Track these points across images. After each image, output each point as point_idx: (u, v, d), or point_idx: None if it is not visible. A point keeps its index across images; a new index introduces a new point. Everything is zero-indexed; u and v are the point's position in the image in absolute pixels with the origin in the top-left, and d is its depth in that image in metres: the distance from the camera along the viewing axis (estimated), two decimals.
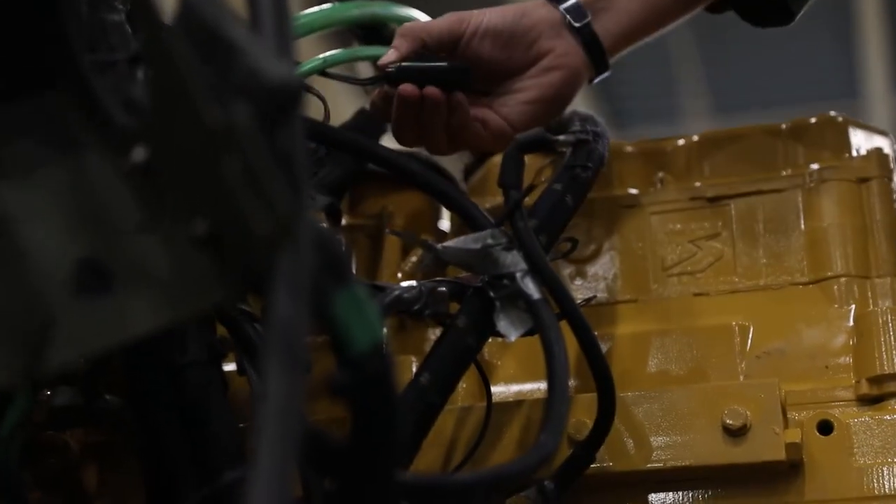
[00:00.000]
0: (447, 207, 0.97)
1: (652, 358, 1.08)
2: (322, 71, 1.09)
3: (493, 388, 1.09)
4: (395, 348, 1.15)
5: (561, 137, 0.94)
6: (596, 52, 1.09)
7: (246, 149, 0.61)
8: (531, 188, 0.93)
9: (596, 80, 1.12)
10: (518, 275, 0.92)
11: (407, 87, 1.01)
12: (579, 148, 0.95)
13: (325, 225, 0.96)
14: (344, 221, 1.24)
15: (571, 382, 1.07)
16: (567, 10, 1.08)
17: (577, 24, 1.08)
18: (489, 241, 0.93)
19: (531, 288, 0.92)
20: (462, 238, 0.94)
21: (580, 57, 1.09)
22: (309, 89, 1.06)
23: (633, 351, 1.09)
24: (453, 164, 1.30)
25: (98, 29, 0.84)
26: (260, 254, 0.63)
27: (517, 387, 1.11)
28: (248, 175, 0.61)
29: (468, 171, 1.30)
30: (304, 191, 0.64)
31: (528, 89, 1.07)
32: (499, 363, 1.12)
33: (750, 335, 1.07)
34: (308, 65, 1.11)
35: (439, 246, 0.94)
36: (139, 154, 0.69)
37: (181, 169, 0.66)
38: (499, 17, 1.06)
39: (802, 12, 1.15)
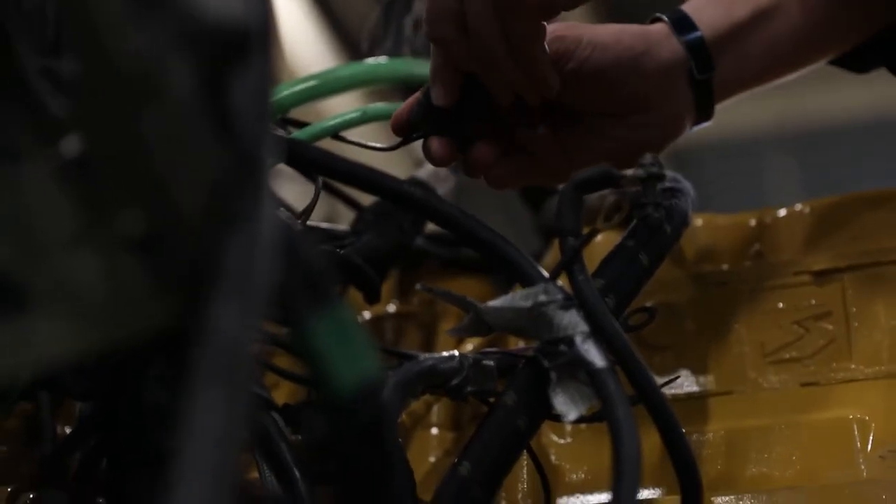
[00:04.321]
0: (487, 255, 0.79)
1: (751, 459, 0.89)
2: (336, 134, 0.93)
3: (560, 501, 0.92)
4: (448, 450, 0.98)
5: (628, 172, 0.77)
6: (705, 104, 0.95)
7: (165, 101, 0.45)
8: (593, 233, 0.76)
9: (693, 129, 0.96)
10: (577, 338, 0.74)
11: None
12: (650, 184, 0.78)
13: (294, 225, 0.79)
14: (393, 309, 1.08)
15: (652, 489, 0.89)
16: (695, 56, 0.92)
17: (698, 77, 0.93)
18: (542, 297, 0.75)
19: (594, 354, 0.74)
20: (510, 295, 0.77)
21: (689, 115, 0.94)
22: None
23: (728, 450, 0.90)
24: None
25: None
26: (196, 246, 0.47)
27: (588, 497, 0.93)
28: (173, 137, 0.46)
29: (536, 258, 1.14)
30: (259, 164, 0.48)
31: (617, 139, 0.91)
32: (567, 466, 0.94)
33: (871, 431, 0.87)
34: (347, 116, 0.96)
35: (482, 305, 0.77)
36: (71, 144, 0.55)
37: (111, 150, 0.51)
38: (612, 43, 0.89)
39: None
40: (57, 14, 0.72)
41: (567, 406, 0.74)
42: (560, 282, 0.78)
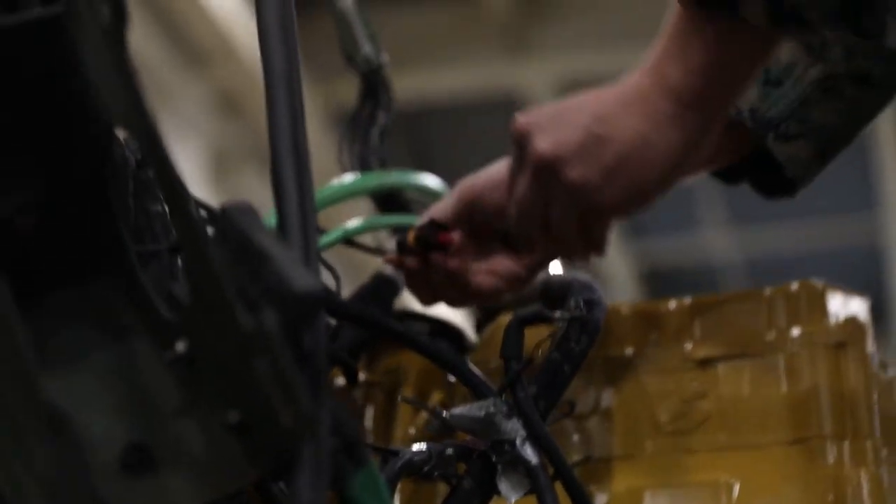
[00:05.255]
0: (452, 374, 1.07)
1: None
2: (347, 240, 1.18)
3: None
4: (409, 499, 1.24)
5: (557, 314, 1.04)
6: None
7: (274, 353, 0.70)
8: (529, 362, 1.03)
9: None
10: (518, 441, 1.01)
11: (410, 262, 1.11)
12: (573, 324, 1.05)
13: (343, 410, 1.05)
14: (362, 377, 1.33)
15: None
16: None
17: None
18: (491, 409, 1.02)
19: (529, 454, 1.01)
20: (468, 406, 1.03)
21: None
22: (322, 262, 1.15)
23: None
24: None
25: (142, 218, 0.93)
26: (286, 442, 0.72)
27: None
28: (276, 375, 0.71)
29: (479, 326, 1.39)
30: (323, 388, 0.73)
31: None
32: None
33: (735, 492, 1.15)
34: (330, 236, 1.21)
35: (446, 414, 1.03)
36: (181, 347, 0.79)
37: (218, 363, 0.75)
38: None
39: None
40: (136, 207, 0.95)
41: (510, 492, 1.02)
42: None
